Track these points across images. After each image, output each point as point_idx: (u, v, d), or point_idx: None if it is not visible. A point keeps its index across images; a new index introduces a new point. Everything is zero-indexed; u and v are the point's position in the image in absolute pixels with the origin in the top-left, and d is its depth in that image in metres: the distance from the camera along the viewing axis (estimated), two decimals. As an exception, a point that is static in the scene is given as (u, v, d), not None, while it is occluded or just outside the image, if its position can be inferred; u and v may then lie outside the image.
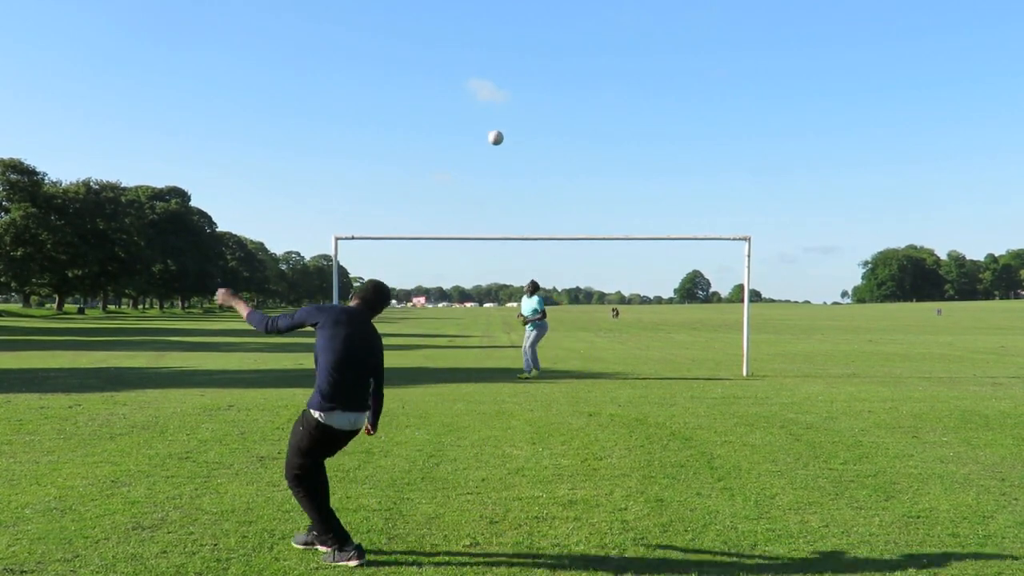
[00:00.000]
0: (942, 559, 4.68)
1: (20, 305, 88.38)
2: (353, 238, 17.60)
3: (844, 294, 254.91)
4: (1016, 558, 4.71)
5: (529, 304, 16.18)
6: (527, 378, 15.35)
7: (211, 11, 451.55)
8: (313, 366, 5.02)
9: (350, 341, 4.72)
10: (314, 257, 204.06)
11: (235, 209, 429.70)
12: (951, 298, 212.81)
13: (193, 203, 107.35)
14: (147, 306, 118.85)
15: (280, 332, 4.88)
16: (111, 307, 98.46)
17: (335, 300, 18.57)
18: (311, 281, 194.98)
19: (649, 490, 6.31)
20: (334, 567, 4.51)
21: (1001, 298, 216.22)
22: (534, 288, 16.33)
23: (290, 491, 5.22)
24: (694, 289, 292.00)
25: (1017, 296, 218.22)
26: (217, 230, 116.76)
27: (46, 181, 74.91)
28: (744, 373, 16.39)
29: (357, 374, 4.74)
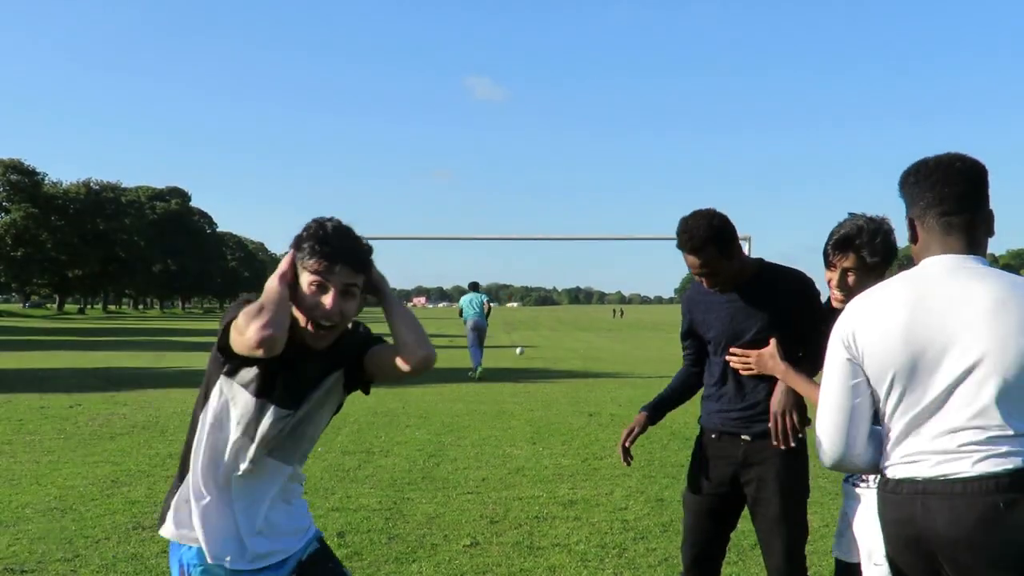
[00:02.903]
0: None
1: (20, 305, 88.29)
2: (353, 238, 17.61)
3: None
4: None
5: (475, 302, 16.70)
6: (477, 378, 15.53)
7: (210, 11, 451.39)
8: None
9: None
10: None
11: (235, 209, 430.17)
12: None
13: (193, 203, 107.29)
14: (147, 306, 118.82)
15: None
16: (111, 307, 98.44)
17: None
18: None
19: (649, 490, 6.31)
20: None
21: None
22: (475, 287, 17.11)
23: None
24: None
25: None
26: (217, 230, 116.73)
27: (46, 181, 74.84)
28: (744, 373, 16.38)
29: None
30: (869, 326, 1.92)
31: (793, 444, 2.88)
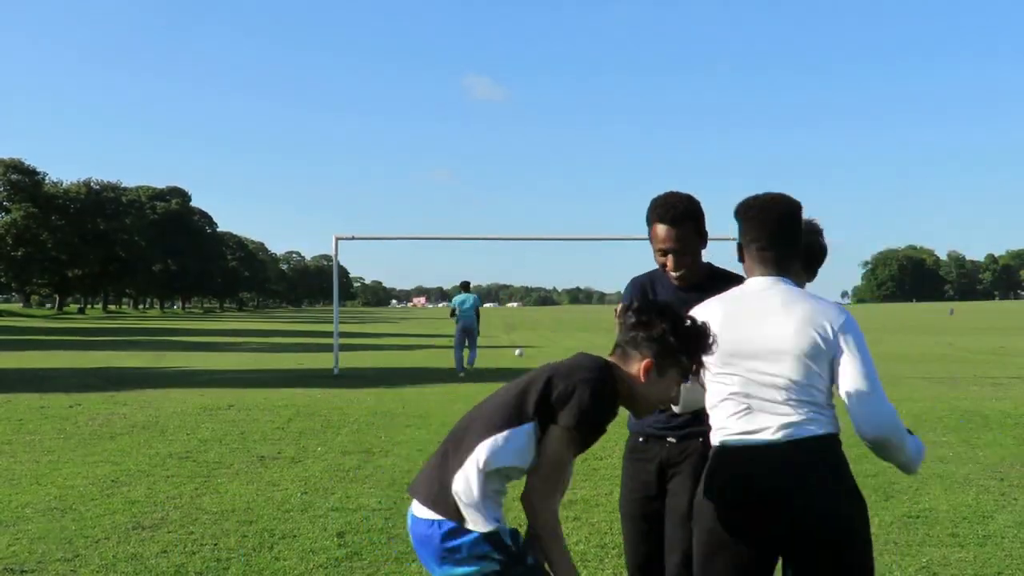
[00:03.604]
0: (942, 559, 4.68)
1: (20, 305, 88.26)
2: (353, 238, 17.61)
3: (844, 294, 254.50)
4: (1016, 558, 4.71)
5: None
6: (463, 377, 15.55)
7: (210, 10, 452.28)
8: None
9: None
10: (314, 257, 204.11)
11: (235, 209, 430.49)
12: (951, 298, 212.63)
13: (193, 203, 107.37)
14: (147, 306, 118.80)
15: None
16: (111, 307, 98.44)
17: (335, 300, 18.57)
18: (311, 281, 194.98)
19: (649, 490, 6.30)
20: (335, 568, 4.50)
21: (1001, 298, 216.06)
22: (467, 287, 17.43)
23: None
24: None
25: (1017, 296, 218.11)
26: (217, 230, 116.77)
27: (47, 181, 74.89)
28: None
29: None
30: None
31: None
